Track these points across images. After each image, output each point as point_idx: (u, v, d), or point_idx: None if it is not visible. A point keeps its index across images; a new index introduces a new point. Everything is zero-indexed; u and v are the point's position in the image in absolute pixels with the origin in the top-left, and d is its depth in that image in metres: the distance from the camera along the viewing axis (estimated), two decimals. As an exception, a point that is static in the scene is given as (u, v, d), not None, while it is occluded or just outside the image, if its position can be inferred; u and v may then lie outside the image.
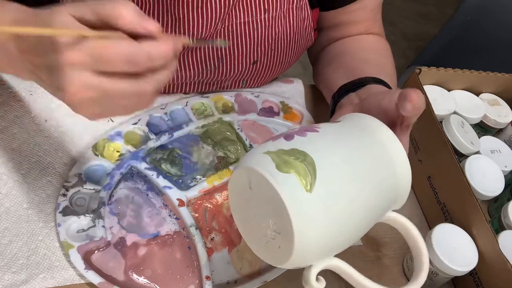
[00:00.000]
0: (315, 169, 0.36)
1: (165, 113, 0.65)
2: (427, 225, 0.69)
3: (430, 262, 0.57)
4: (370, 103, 0.48)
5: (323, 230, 0.37)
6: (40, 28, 0.33)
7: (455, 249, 0.58)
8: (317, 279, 0.39)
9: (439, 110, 0.75)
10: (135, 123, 0.62)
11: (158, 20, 0.57)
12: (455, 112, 0.77)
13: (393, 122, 0.45)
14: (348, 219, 0.38)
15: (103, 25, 0.36)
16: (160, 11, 0.56)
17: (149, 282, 0.51)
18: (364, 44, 0.71)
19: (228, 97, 0.69)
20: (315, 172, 0.36)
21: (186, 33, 0.58)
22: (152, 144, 0.61)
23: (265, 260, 0.41)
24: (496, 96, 0.84)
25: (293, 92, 0.74)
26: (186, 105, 0.66)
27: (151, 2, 0.56)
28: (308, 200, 0.36)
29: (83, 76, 0.35)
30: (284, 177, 0.36)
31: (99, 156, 0.58)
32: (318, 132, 0.40)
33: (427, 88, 0.77)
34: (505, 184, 0.71)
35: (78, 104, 0.37)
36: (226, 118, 0.67)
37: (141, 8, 0.55)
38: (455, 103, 0.78)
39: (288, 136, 0.39)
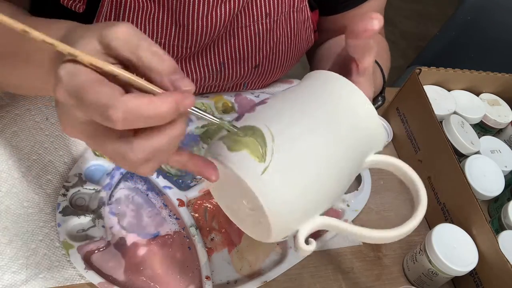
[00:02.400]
0: (265, 139, 0.36)
1: (165, 113, 0.65)
2: (427, 225, 0.69)
3: (430, 262, 0.58)
4: (330, 60, 0.47)
5: (291, 194, 0.36)
6: (62, 44, 0.30)
7: (455, 249, 0.58)
8: (307, 242, 0.38)
9: (439, 110, 0.75)
10: (135, 123, 0.62)
11: (162, 27, 0.57)
12: (455, 112, 0.77)
13: (350, 69, 0.43)
14: (315, 176, 0.37)
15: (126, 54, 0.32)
16: (165, 17, 0.56)
17: (149, 282, 0.51)
18: None
19: (228, 97, 0.69)
20: (265, 142, 0.36)
21: (190, 39, 0.58)
22: (152, 144, 0.61)
23: (258, 239, 0.41)
24: (496, 96, 0.84)
25: (293, 92, 0.74)
26: (186, 105, 0.66)
27: (155, 8, 0.55)
28: (264, 169, 0.35)
29: (70, 116, 0.32)
30: (236, 156, 0.36)
31: (99, 156, 0.58)
32: (267, 103, 0.40)
33: (427, 88, 0.77)
34: (505, 184, 0.71)
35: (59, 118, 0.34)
36: (226, 118, 0.67)
37: (145, 14, 0.55)
38: (455, 103, 0.78)
39: (239, 117, 0.39)
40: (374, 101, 0.58)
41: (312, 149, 0.37)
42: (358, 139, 0.40)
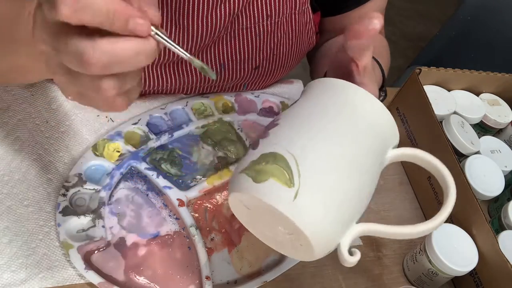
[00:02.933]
0: (288, 163, 0.36)
1: (165, 113, 0.65)
2: (427, 225, 0.69)
3: (430, 262, 0.58)
4: (327, 64, 0.46)
5: (327, 212, 0.36)
6: None
7: (455, 249, 0.58)
8: (351, 252, 0.39)
9: (439, 110, 0.75)
10: (135, 123, 0.62)
11: (161, 28, 0.56)
12: (455, 112, 0.77)
13: (350, 70, 0.43)
14: (346, 187, 0.37)
15: None
16: (164, 18, 0.56)
17: (149, 282, 0.51)
18: None
19: (228, 97, 0.69)
20: (289, 166, 0.36)
21: (189, 40, 0.58)
22: (152, 144, 0.61)
23: (302, 259, 0.41)
24: (496, 96, 0.83)
25: (293, 92, 0.75)
26: (186, 105, 0.66)
27: None
28: (295, 194, 0.35)
29: (39, 19, 0.31)
30: (264, 186, 0.36)
31: (99, 156, 0.58)
32: (278, 124, 0.39)
33: (427, 88, 0.77)
34: (505, 184, 0.71)
35: (42, 57, 0.33)
36: (226, 118, 0.67)
37: None
38: (455, 103, 0.78)
39: (254, 144, 0.39)
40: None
41: (336, 161, 0.37)
42: (376, 138, 0.40)
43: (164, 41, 0.30)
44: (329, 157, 0.37)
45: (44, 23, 0.30)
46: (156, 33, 0.30)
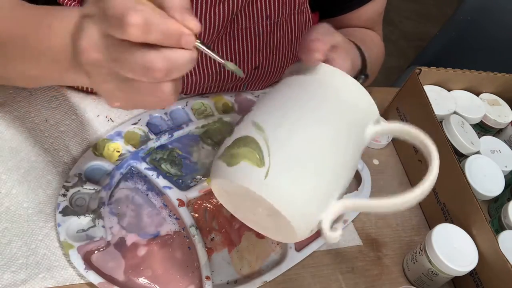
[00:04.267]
0: (259, 145, 0.36)
1: (165, 113, 0.65)
2: (427, 225, 0.69)
3: (430, 262, 0.58)
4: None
5: (300, 188, 0.36)
6: None
7: (455, 249, 0.58)
8: (332, 229, 0.38)
9: (439, 110, 0.75)
10: (135, 123, 0.62)
11: None
12: (455, 112, 0.77)
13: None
14: (318, 164, 0.37)
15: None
16: None
17: (149, 282, 0.51)
18: (358, 29, 0.71)
19: (228, 97, 0.69)
20: (259, 147, 0.36)
21: None
22: (152, 144, 0.61)
23: (289, 241, 0.41)
24: (496, 96, 0.84)
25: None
26: (186, 105, 0.66)
27: None
28: (266, 173, 0.36)
29: (92, 31, 0.33)
30: (236, 169, 0.37)
31: (99, 156, 0.58)
32: (252, 110, 0.40)
33: (427, 88, 0.77)
34: (505, 184, 0.71)
35: (89, 67, 0.35)
36: (226, 118, 0.67)
37: None
38: (455, 103, 0.78)
39: (231, 132, 0.40)
40: (355, 79, 0.58)
41: (305, 138, 0.37)
42: (349, 114, 0.40)
43: (203, 49, 0.35)
44: (299, 134, 0.37)
45: (101, 36, 0.33)
46: (198, 43, 0.34)
